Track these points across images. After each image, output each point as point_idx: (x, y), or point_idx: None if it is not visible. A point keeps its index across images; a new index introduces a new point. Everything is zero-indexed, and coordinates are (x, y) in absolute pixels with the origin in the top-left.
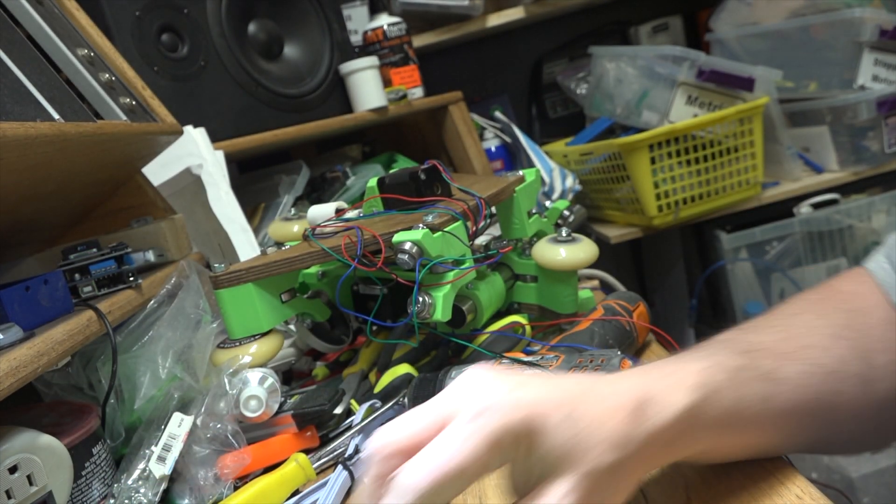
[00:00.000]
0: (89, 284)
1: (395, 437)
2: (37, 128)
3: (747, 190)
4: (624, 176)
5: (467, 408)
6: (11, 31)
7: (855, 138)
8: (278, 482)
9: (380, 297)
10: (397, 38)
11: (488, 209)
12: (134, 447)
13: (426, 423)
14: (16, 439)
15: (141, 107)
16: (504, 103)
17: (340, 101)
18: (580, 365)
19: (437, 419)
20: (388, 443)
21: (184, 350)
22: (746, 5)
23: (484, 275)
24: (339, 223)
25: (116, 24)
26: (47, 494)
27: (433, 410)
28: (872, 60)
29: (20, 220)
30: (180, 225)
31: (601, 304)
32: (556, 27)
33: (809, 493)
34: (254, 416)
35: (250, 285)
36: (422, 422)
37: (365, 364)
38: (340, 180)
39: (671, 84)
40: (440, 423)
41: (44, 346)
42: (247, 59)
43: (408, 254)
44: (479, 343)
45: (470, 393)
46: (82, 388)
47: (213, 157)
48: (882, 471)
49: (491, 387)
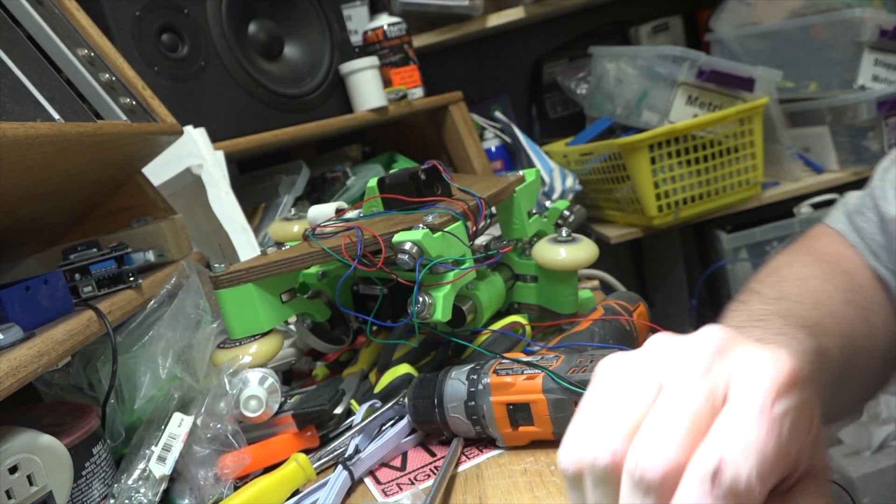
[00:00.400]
0: (89, 284)
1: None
2: (37, 128)
3: (747, 190)
4: (624, 176)
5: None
6: (11, 31)
7: (855, 138)
8: (278, 482)
9: (380, 297)
10: (397, 38)
11: (488, 209)
12: (134, 447)
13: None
14: (16, 439)
15: (141, 107)
16: (504, 103)
17: (340, 101)
18: (580, 365)
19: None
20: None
21: (184, 350)
22: (746, 5)
23: (484, 275)
24: (339, 223)
25: (116, 24)
26: (47, 494)
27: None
28: (872, 60)
29: (20, 219)
30: (180, 225)
31: (601, 304)
32: (556, 27)
33: None
34: (254, 416)
35: (250, 285)
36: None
37: (365, 364)
38: (340, 180)
39: (671, 84)
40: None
41: (44, 346)
42: (247, 59)
43: (408, 254)
44: (480, 343)
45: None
46: (82, 388)
47: (213, 157)
48: (882, 471)
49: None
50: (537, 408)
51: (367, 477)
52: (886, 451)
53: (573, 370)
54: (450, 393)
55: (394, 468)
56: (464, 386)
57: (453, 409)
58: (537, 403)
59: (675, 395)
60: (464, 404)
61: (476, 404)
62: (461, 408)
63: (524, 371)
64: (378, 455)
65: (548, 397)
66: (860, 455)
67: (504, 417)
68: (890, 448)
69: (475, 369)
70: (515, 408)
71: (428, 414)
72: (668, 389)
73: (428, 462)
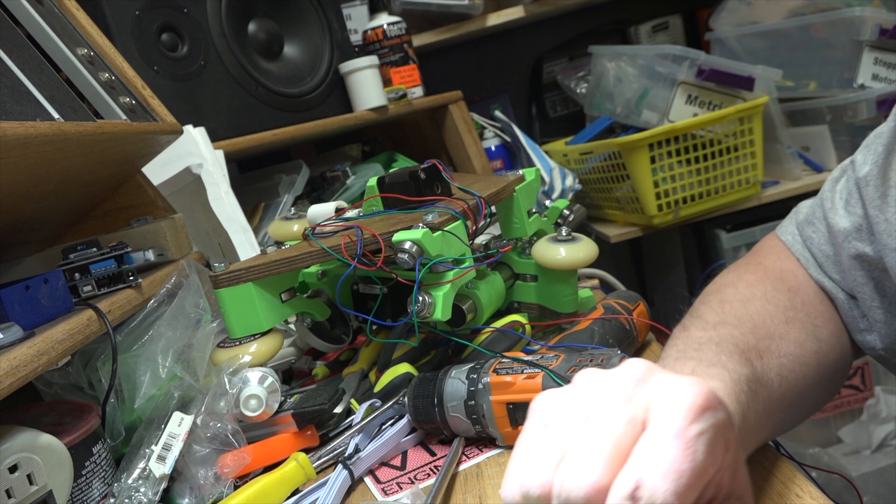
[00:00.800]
0: (89, 284)
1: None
2: (36, 127)
3: (747, 189)
4: (624, 175)
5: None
6: (11, 30)
7: (855, 137)
8: (278, 481)
9: (380, 297)
10: (397, 37)
11: (488, 208)
12: (134, 446)
13: (619, 431)
14: (16, 439)
15: (141, 106)
16: (504, 103)
17: (340, 100)
18: (580, 364)
19: (629, 423)
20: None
21: (184, 349)
22: (746, 4)
23: (484, 274)
24: (338, 222)
25: (116, 24)
26: (47, 494)
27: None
28: (872, 59)
29: (20, 219)
30: (180, 224)
31: (601, 303)
32: (555, 26)
33: (809, 493)
34: (254, 416)
35: (250, 285)
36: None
37: (365, 363)
38: (340, 180)
39: (671, 83)
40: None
41: (44, 345)
42: (247, 58)
43: (408, 253)
44: (480, 341)
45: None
46: (82, 388)
47: (213, 157)
48: (882, 470)
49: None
50: None
51: (367, 476)
52: (886, 450)
53: (573, 369)
54: (450, 392)
55: (394, 467)
56: (464, 385)
57: (453, 409)
58: None
59: (599, 423)
60: (464, 403)
61: (476, 403)
62: (461, 407)
63: (524, 370)
64: (378, 454)
65: None
66: (860, 454)
67: (504, 416)
68: (889, 447)
69: (475, 368)
70: (515, 407)
71: (428, 413)
72: (592, 418)
73: (428, 461)
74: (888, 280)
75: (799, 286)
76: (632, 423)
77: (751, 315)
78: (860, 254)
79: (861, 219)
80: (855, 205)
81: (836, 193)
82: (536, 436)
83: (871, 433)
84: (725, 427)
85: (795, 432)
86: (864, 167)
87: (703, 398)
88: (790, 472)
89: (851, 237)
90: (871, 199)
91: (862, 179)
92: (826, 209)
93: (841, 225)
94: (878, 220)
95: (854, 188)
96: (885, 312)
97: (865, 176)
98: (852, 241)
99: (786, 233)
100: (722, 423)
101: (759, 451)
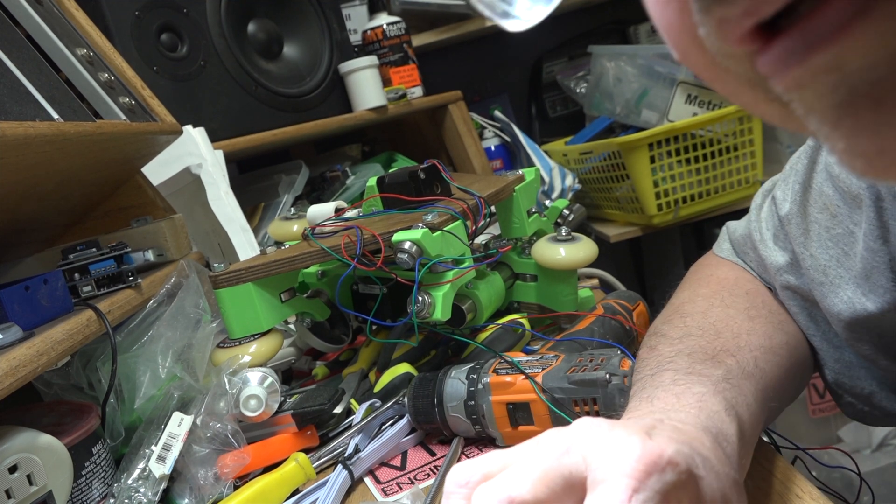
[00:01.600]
0: (89, 284)
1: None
2: (36, 127)
3: (747, 188)
4: (623, 175)
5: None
6: (11, 31)
7: None
8: (278, 482)
9: (379, 297)
10: (396, 37)
11: (488, 208)
12: (134, 447)
13: (554, 487)
14: (16, 439)
15: (140, 106)
16: (504, 103)
17: (340, 100)
18: (580, 364)
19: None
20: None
21: (184, 350)
22: None
23: (483, 274)
24: (338, 222)
25: (116, 24)
26: (47, 494)
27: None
28: None
29: (20, 219)
30: (180, 224)
31: (601, 303)
32: (555, 26)
33: (809, 493)
34: (254, 416)
35: (250, 285)
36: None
37: (365, 363)
38: (340, 180)
39: (671, 83)
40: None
41: (43, 345)
42: (246, 58)
43: (407, 253)
44: (481, 339)
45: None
46: (82, 388)
47: (213, 157)
48: (882, 469)
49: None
50: (537, 407)
51: (367, 476)
52: (886, 449)
53: (573, 369)
54: (449, 392)
55: (393, 467)
56: (463, 385)
57: (453, 409)
58: (537, 403)
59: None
60: (463, 404)
61: (476, 403)
62: (461, 407)
63: (524, 370)
64: (378, 454)
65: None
66: (860, 453)
67: (504, 417)
68: (890, 446)
69: (475, 368)
70: (515, 407)
71: (428, 413)
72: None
73: (428, 461)
74: (819, 312)
75: (756, 290)
76: (568, 480)
77: (713, 323)
78: (790, 286)
79: (791, 254)
80: (784, 240)
81: (762, 223)
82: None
83: (872, 432)
84: (683, 483)
85: (796, 432)
86: (784, 204)
87: (647, 462)
88: (790, 472)
89: (783, 271)
90: (795, 236)
91: (784, 218)
92: (755, 241)
93: (771, 259)
94: (804, 257)
95: (780, 224)
96: (822, 340)
97: (787, 215)
98: (783, 275)
99: (723, 251)
100: (678, 481)
101: (758, 452)
